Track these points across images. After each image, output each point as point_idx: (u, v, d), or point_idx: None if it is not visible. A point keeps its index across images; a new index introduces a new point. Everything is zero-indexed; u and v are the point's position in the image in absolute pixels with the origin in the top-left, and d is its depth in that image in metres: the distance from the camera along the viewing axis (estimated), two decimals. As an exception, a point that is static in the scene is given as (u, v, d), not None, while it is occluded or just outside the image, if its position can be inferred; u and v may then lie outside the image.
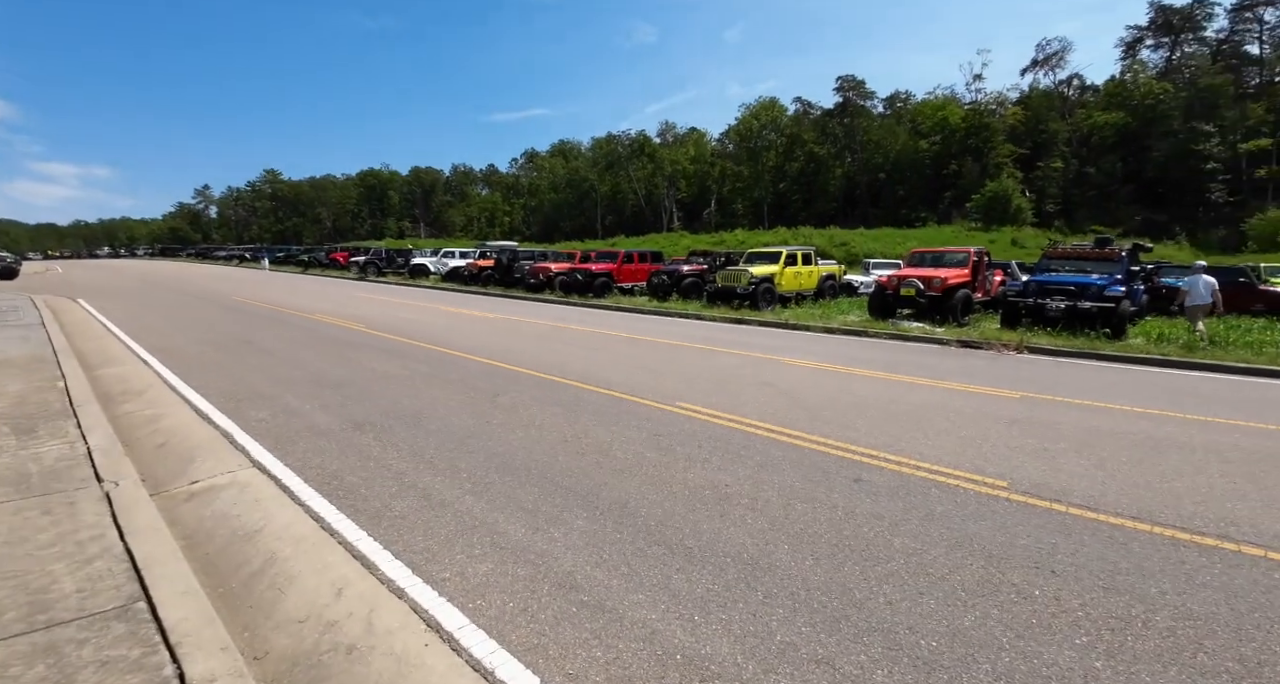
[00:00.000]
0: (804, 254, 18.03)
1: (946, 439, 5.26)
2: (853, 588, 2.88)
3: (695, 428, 5.60)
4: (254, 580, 3.05)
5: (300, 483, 4.30)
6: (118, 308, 15.84)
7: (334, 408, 6.31)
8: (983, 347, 10.53)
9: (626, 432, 5.48)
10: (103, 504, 3.74)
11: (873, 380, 7.87)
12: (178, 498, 4.11)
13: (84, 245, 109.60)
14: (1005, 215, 54.43)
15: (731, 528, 3.53)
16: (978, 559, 3.15)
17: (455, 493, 4.12)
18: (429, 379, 7.69)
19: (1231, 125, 54.71)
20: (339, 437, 5.38)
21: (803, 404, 6.51)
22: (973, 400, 6.76)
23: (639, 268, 22.74)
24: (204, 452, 4.95)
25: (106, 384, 7.34)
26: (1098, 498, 3.94)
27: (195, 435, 5.37)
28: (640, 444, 5.13)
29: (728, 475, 4.38)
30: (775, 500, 3.93)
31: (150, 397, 6.77)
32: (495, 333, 12.07)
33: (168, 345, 10.03)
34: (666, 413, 6.12)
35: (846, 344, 11.27)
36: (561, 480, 4.33)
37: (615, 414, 6.06)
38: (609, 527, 3.59)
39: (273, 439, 5.28)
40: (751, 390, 7.15)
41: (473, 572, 3.09)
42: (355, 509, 3.86)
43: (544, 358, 9.21)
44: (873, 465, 4.57)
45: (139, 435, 5.45)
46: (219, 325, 12.56)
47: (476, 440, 5.26)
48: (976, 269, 13.74)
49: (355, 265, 34.54)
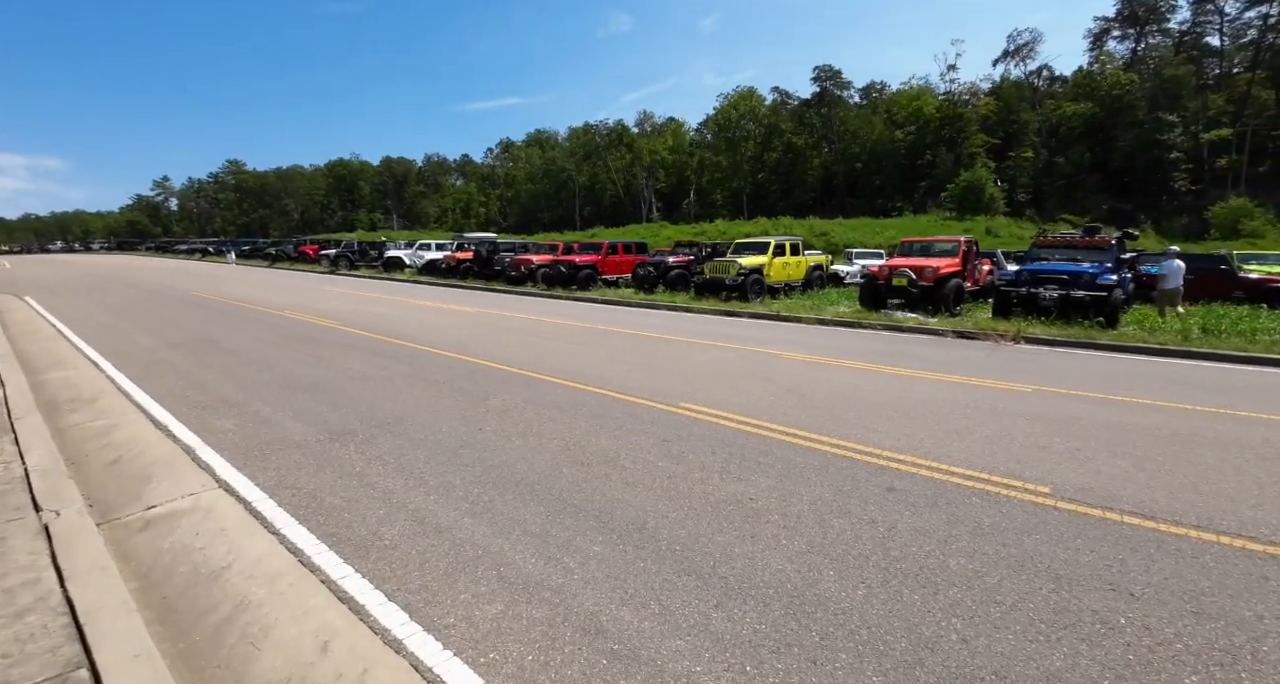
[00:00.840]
0: (792, 244, 17.77)
1: (970, 439, 4.99)
2: (918, 623, 2.55)
3: (705, 432, 5.23)
4: (222, 632, 2.59)
5: (273, 506, 3.82)
6: (69, 306, 14.85)
7: (308, 415, 5.80)
8: (979, 337, 10.37)
9: (632, 438, 5.09)
10: (40, 539, 3.23)
11: (876, 375, 7.60)
12: (131, 527, 3.60)
13: (35, 239, 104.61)
14: (979, 205, 55.10)
15: (767, 551, 3.18)
16: (1045, 582, 2.85)
17: (452, 515, 3.69)
18: (411, 380, 7.19)
19: (1193, 116, 56.14)
20: (316, 449, 4.88)
21: (812, 402, 6.20)
22: (984, 395, 6.52)
23: (623, 259, 22.26)
24: (163, 470, 4.42)
25: (52, 391, 6.68)
26: (1149, 504, 3.69)
27: (152, 450, 4.83)
28: (649, 452, 4.74)
29: (750, 487, 4.03)
30: (808, 516, 3.58)
31: (102, 405, 6.15)
32: (477, 329, 11.54)
33: (123, 347, 9.31)
34: (671, 415, 5.74)
35: (841, 336, 11.02)
36: (569, 497, 3.92)
37: (617, 418, 5.66)
38: (629, 553, 3.20)
39: (241, 454, 4.76)
40: (755, 387, 6.82)
41: (481, 615, 2.68)
42: (338, 538, 3.41)
43: (532, 355, 8.76)
44: (902, 471, 4.26)
45: (87, 451, 4.88)
46: (180, 323, 11.79)
47: (470, 451, 4.82)
48: (966, 258, 13.62)
49: (326, 259, 33.40)
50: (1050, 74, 71.59)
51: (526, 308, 15.57)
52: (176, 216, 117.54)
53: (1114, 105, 58.54)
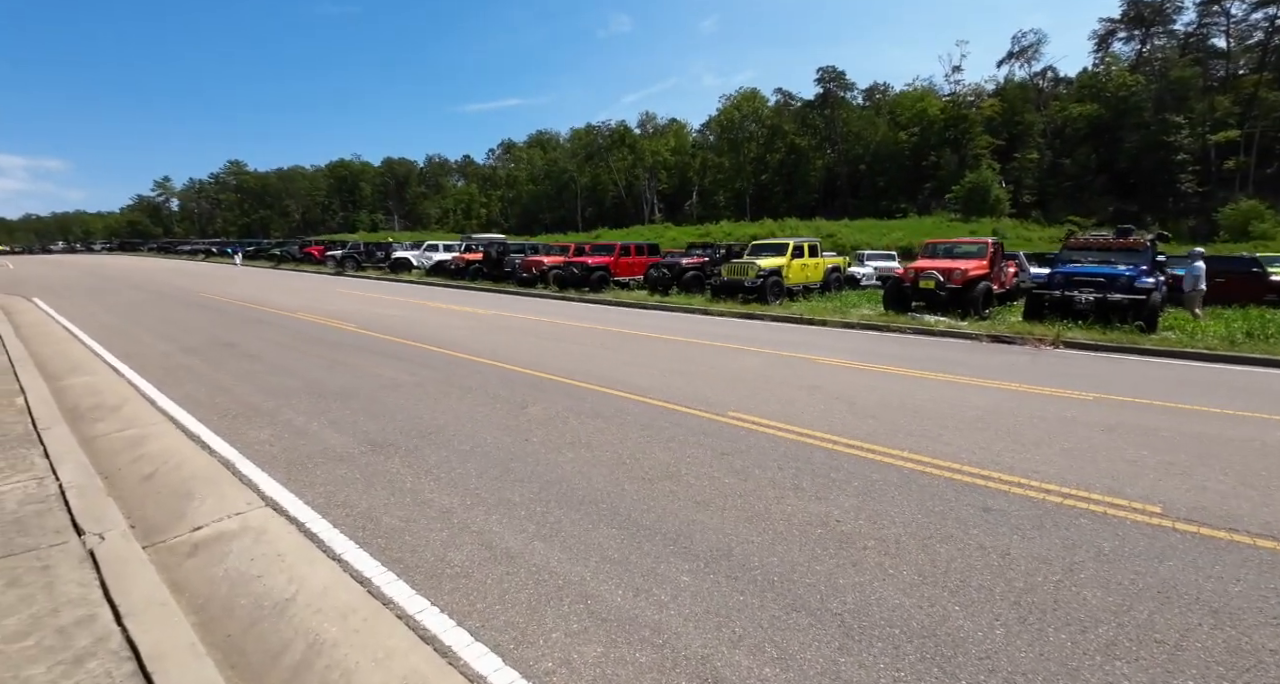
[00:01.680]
0: (810, 246, 17.51)
1: (1050, 451, 4.73)
2: (1080, 670, 2.29)
3: (763, 444, 4.98)
4: (301, 679, 2.34)
5: (328, 527, 3.57)
6: (78, 308, 14.59)
7: (345, 424, 5.54)
8: (1015, 341, 10.11)
9: (688, 450, 4.83)
10: (86, 567, 2.97)
11: (924, 381, 7.35)
12: (179, 551, 3.34)
13: (36, 240, 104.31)
14: (984, 206, 54.91)
15: (876, 582, 2.92)
16: (1203, 616, 2.59)
17: (520, 538, 3.44)
18: (443, 387, 6.93)
19: (1200, 117, 55.96)
20: (360, 462, 4.62)
21: (866, 411, 5.94)
22: (1046, 403, 6.27)
23: (636, 261, 22.01)
24: (203, 485, 4.16)
25: (74, 398, 6.43)
26: (1275, 525, 3.43)
27: (189, 464, 4.57)
28: (710, 466, 4.49)
29: (831, 507, 3.77)
30: (907, 540, 3.33)
31: (128, 413, 5.90)
32: (497, 331, 11.29)
33: (139, 350, 9.05)
34: (721, 425, 5.49)
35: (872, 340, 10.77)
36: (639, 517, 3.67)
37: (666, 428, 5.40)
38: (722, 584, 2.94)
39: (283, 467, 4.50)
40: (801, 395, 6.56)
41: (580, 659, 2.42)
42: (404, 565, 3.15)
43: (560, 360, 8.51)
44: (993, 489, 4.00)
45: (120, 464, 4.62)
46: (194, 326, 11.53)
47: (521, 464, 4.56)
48: (993, 260, 13.37)
49: (332, 260, 33.15)
50: (1054, 75, 71.48)
51: (542, 310, 15.31)
52: (177, 217, 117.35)
53: (1120, 107, 58.33)
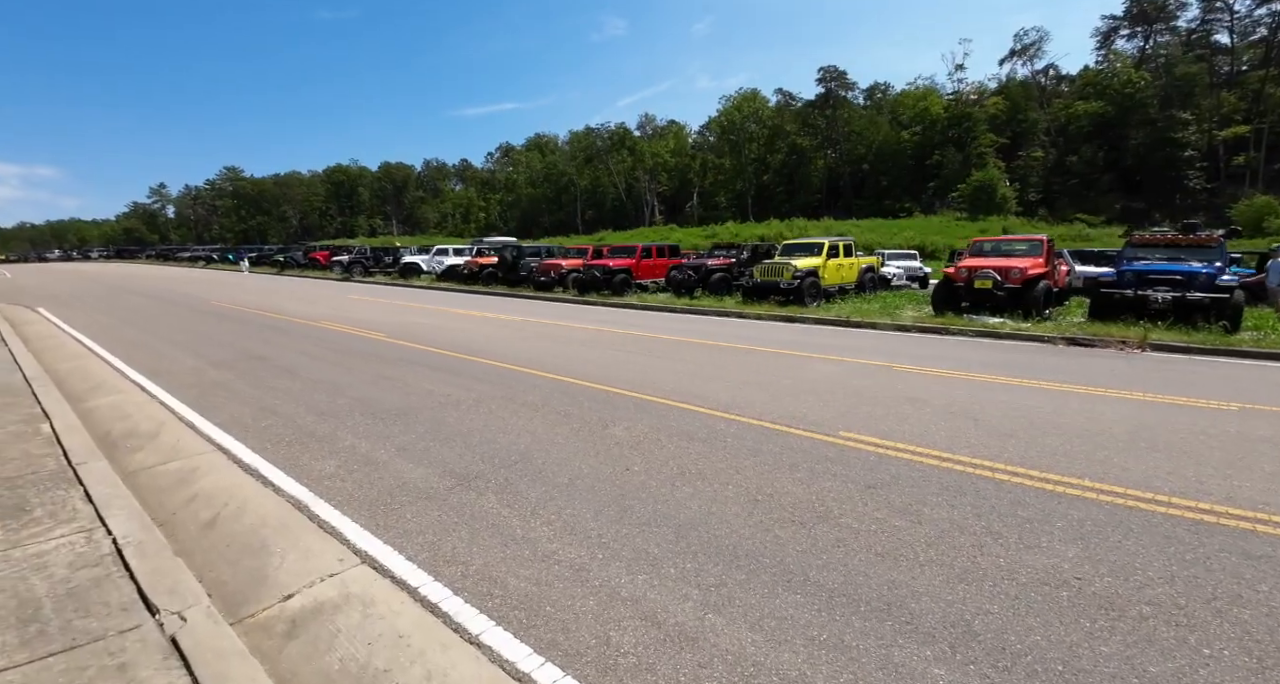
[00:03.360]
0: (845, 245, 16.91)
1: (1255, 475, 4.11)
2: None
3: (908, 472, 4.34)
4: None
5: (446, 594, 2.91)
6: (88, 318, 13.87)
7: (416, 451, 4.88)
8: (1095, 344, 9.50)
9: (823, 483, 4.19)
10: (172, 663, 2.30)
11: (1033, 391, 6.71)
12: (273, 631, 2.68)
13: (31, 248, 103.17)
14: (991, 205, 54.56)
15: (1201, 670, 2.28)
16: None
17: (687, 608, 2.78)
18: (506, 404, 6.28)
19: (1207, 113, 55.74)
20: (451, 501, 3.97)
21: (998, 428, 5.31)
22: (1193, 416, 5.63)
23: (657, 263, 21.39)
24: (278, 535, 3.50)
25: (103, 422, 5.75)
26: None
27: (254, 505, 3.90)
28: (863, 503, 3.84)
29: (1053, 558, 3.13)
30: (1191, 606, 2.68)
31: (167, 440, 5.23)
32: (534, 339, 10.63)
33: (163, 365, 8.37)
34: (842, 449, 4.84)
35: (938, 344, 10.14)
36: (819, 577, 3.02)
37: (779, 453, 4.76)
38: (996, 682, 2.30)
39: (365, 509, 3.85)
40: (910, 410, 5.92)
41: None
42: (564, 651, 2.49)
43: (616, 370, 7.87)
44: (1232, 528, 3.37)
45: (171, 506, 3.96)
46: (216, 338, 10.84)
47: (639, 502, 3.91)
48: (1048, 258, 12.79)
49: (338, 265, 32.43)
50: (1057, 73, 71.31)
51: (570, 316, 14.66)
52: (173, 224, 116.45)
53: (1126, 104, 58.07)
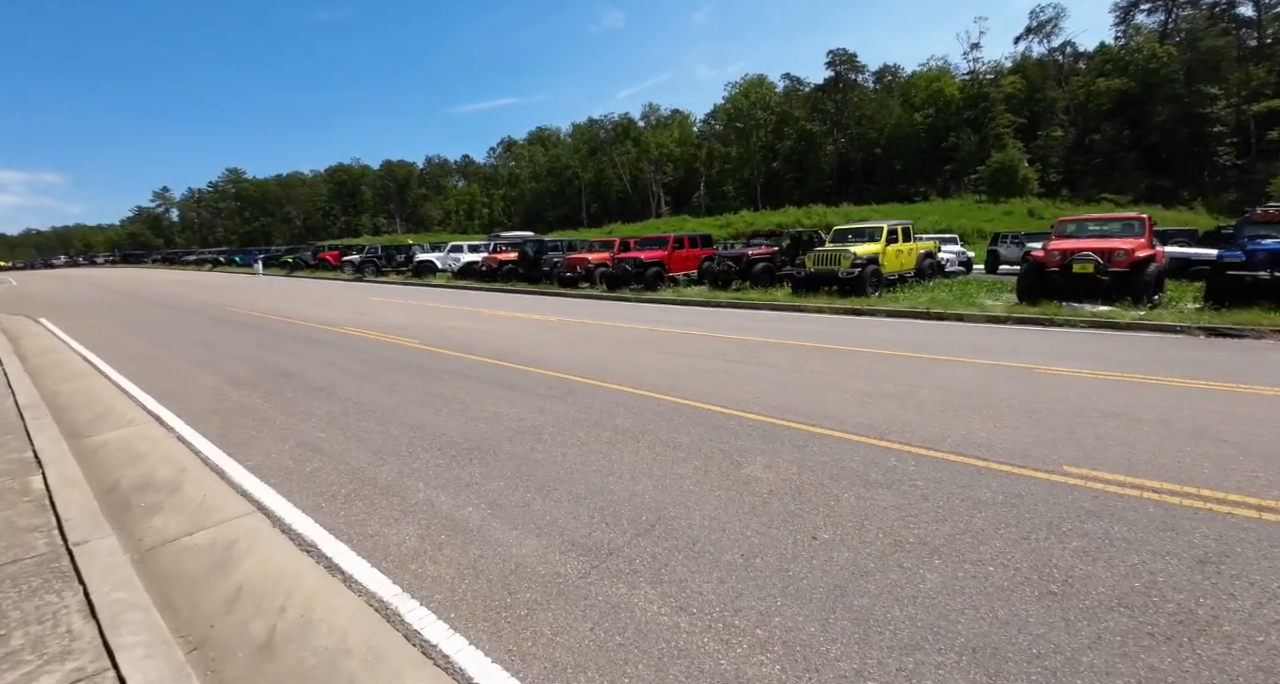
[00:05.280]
0: (904, 229, 15.65)
1: None
2: None
3: (1232, 534, 3.18)
4: None
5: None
6: (94, 329, 12.78)
7: (514, 510, 3.74)
8: (1244, 335, 8.27)
9: (1113, 553, 3.02)
10: None
11: (1244, 397, 5.49)
12: None
13: (37, 254, 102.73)
14: (1012, 186, 53.03)
15: None
16: None
17: None
18: (595, 432, 5.13)
19: (1235, 87, 53.82)
20: (596, 600, 2.82)
21: (1262, 453, 4.14)
22: None
23: (689, 254, 20.21)
24: (368, 671, 2.38)
25: (110, 467, 4.65)
26: None
27: (323, 611, 2.77)
28: (1210, 594, 2.70)
29: None
30: None
31: (191, 495, 4.11)
32: (585, 343, 9.48)
33: (180, 385, 7.28)
34: (1096, 495, 3.64)
35: (1058, 338, 8.84)
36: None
37: (1010, 505, 3.58)
38: None
39: (481, 617, 2.71)
40: (1122, 431, 4.68)
41: None
42: None
43: (700, 381, 6.71)
44: None
45: (206, 609, 2.84)
46: (235, 349, 9.74)
47: (868, 598, 2.75)
48: (1150, 239, 11.53)
49: (350, 265, 31.36)
50: (1074, 50, 69.20)
51: (609, 314, 13.49)
52: (178, 227, 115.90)
53: (1149, 79, 56.17)
